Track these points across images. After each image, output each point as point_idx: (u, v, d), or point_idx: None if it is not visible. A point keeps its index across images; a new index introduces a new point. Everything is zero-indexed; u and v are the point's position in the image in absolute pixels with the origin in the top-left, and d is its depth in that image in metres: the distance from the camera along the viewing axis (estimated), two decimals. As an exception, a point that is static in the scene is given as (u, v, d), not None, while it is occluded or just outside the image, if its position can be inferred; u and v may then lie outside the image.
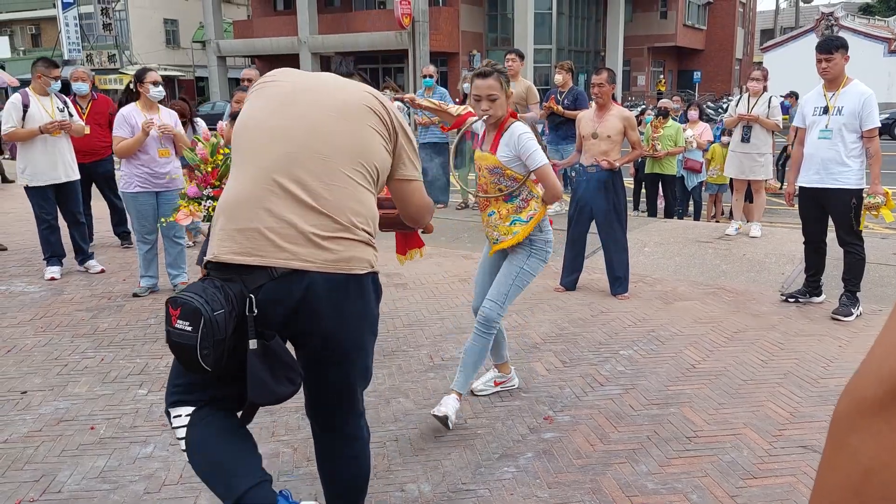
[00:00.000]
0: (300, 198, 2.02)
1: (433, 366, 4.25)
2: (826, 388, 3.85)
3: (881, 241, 6.77)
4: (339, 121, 2.12)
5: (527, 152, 3.38)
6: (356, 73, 2.49)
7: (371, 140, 2.15)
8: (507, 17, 34.54)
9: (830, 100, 4.99)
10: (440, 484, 2.98)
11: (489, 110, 3.40)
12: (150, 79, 5.45)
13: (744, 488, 2.92)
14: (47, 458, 3.19)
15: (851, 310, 4.98)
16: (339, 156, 2.09)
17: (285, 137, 2.09)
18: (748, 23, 48.95)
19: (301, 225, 2.00)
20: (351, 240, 2.07)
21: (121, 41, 39.80)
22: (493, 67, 3.39)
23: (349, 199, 2.08)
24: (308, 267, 2.00)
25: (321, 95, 2.17)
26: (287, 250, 1.99)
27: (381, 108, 2.20)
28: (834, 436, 0.77)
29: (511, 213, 3.49)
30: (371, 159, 2.15)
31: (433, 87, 8.90)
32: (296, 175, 2.04)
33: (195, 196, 4.83)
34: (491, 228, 3.57)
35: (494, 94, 3.37)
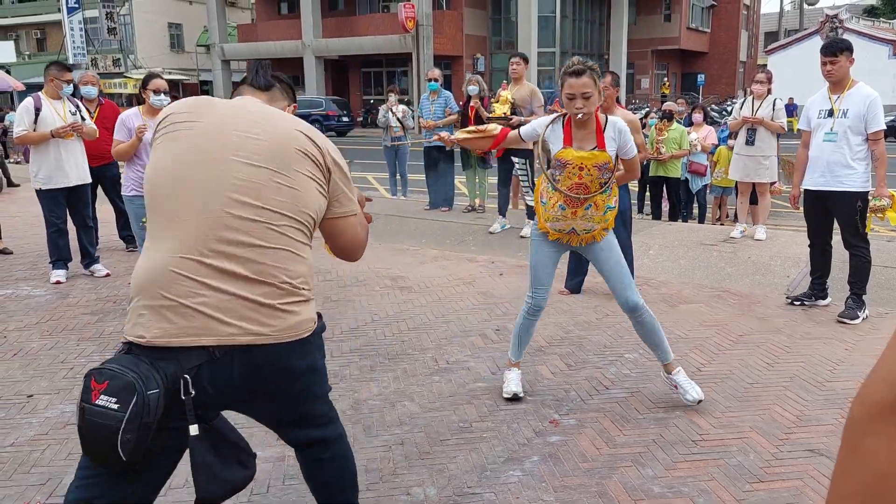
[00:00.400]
0: (232, 268, 1.81)
1: (438, 369, 4.25)
2: (833, 392, 3.83)
3: (887, 243, 6.75)
4: (268, 172, 1.88)
5: (628, 142, 3.47)
6: (278, 84, 2.21)
7: (305, 189, 1.92)
8: (511, 20, 34.55)
9: (835, 102, 4.98)
10: (446, 487, 2.98)
11: (583, 108, 3.36)
12: (152, 86, 5.44)
13: (750, 492, 2.91)
14: (53, 462, 3.20)
15: (857, 313, 4.96)
16: (271, 213, 1.86)
17: (207, 197, 1.83)
18: (752, 25, 48.89)
19: (239, 297, 1.81)
20: (295, 303, 1.89)
21: (125, 45, 39.96)
22: (586, 65, 3.35)
23: (287, 260, 1.89)
24: (252, 341, 1.82)
25: (245, 141, 1.89)
26: (229, 325, 1.79)
27: (313, 146, 1.96)
28: (847, 440, 0.77)
29: (605, 202, 3.54)
30: (306, 210, 1.93)
31: (438, 90, 8.91)
32: (225, 241, 1.81)
33: None
34: (585, 220, 3.54)
35: (588, 92, 3.33)
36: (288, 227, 1.89)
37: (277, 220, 1.87)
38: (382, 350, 4.56)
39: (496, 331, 4.88)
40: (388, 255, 7.16)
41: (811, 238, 5.34)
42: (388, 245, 7.64)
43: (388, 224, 8.55)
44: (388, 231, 8.27)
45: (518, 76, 7.74)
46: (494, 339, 4.72)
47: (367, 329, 4.96)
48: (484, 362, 4.33)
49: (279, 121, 1.98)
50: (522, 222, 7.74)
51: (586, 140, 3.48)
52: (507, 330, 4.89)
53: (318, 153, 1.96)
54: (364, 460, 3.19)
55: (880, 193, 4.98)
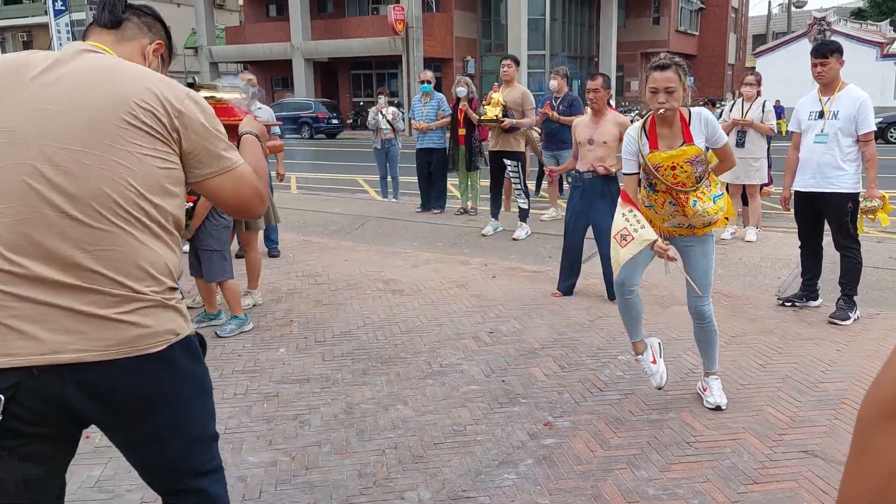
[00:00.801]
0: (53, 276, 1.51)
1: (432, 372, 4.23)
2: (825, 393, 3.84)
3: (877, 244, 6.78)
4: (89, 155, 1.53)
5: (716, 131, 3.43)
6: (132, 17, 1.85)
7: (140, 168, 1.58)
8: (501, 22, 34.59)
9: (826, 104, 5.00)
10: (440, 491, 2.96)
11: (665, 103, 3.32)
12: None
13: (745, 493, 2.91)
14: (43, 468, 3.16)
15: (849, 314, 4.98)
16: (97, 209, 1.54)
17: (12, 193, 1.51)
18: (740, 28, 49.16)
19: (63, 307, 1.52)
20: (136, 310, 1.57)
21: (113, 48, 39.67)
22: (672, 60, 3.32)
23: (125, 261, 1.57)
24: (81, 358, 1.52)
25: (56, 118, 1.54)
26: (48, 342, 1.50)
27: (151, 105, 1.60)
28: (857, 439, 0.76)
29: (709, 191, 3.47)
30: (147, 193, 1.60)
31: (430, 92, 8.89)
32: (42, 244, 1.51)
33: None
34: (699, 217, 3.45)
35: (672, 87, 3.30)
36: (124, 219, 1.56)
37: (109, 216, 1.55)
38: (375, 354, 4.53)
39: (489, 333, 4.87)
40: (379, 257, 7.13)
41: (802, 239, 5.36)
42: (379, 248, 7.61)
43: (379, 226, 8.52)
44: (379, 233, 8.25)
45: (509, 78, 7.73)
46: (488, 342, 4.70)
47: (360, 332, 4.93)
48: (477, 365, 4.31)
49: (107, 85, 1.59)
50: (515, 225, 7.73)
51: (674, 138, 3.44)
52: (501, 332, 4.88)
53: (159, 111, 1.60)
54: (357, 465, 3.17)
55: (871, 195, 5.00)
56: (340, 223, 8.84)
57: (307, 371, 4.26)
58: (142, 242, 1.59)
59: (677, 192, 3.42)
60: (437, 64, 32.80)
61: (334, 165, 18.35)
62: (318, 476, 3.08)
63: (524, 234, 7.60)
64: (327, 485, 3.01)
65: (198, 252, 4.93)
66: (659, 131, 3.46)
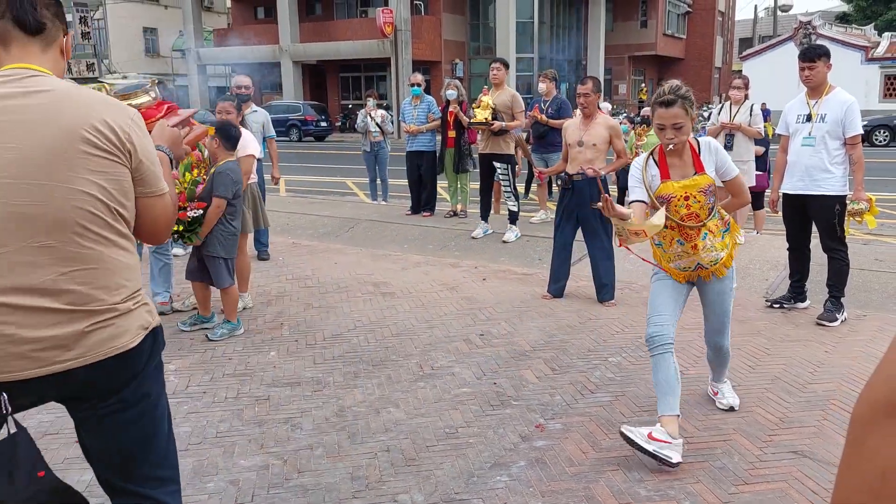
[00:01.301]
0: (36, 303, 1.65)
1: (423, 375, 4.23)
2: (814, 394, 3.87)
3: (863, 246, 6.84)
4: (56, 188, 1.64)
5: (725, 163, 3.33)
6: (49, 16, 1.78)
7: (101, 191, 1.70)
8: (489, 26, 34.66)
9: (813, 107, 5.04)
10: (433, 494, 2.96)
11: (674, 139, 3.21)
12: None
13: (736, 494, 2.92)
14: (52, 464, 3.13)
15: (836, 315, 5.02)
16: (67, 234, 1.66)
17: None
18: (727, 32, 49.49)
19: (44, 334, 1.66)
20: (115, 317, 1.75)
21: (99, 50, 39.49)
22: (677, 94, 3.17)
23: (100, 277, 1.72)
24: (68, 367, 1.69)
25: (22, 147, 1.63)
26: (39, 359, 1.66)
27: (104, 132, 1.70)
28: (852, 439, 0.78)
29: (719, 227, 3.36)
30: (111, 211, 1.73)
31: (421, 95, 8.90)
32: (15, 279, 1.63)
33: None
34: (708, 252, 3.33)
35: (680, 123, 3.18)
36: (94, 241, 1.71)
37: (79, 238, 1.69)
38: (366, 356, 4.53)
39: (480, 336, 4.87)
40: (369, 260, 7.13)
41: (790, 241, 5.40)
42: (369, 251, 7.61)
43: (369, 229, 8.52)
44: (369, 236, 8.24)
45: (499, 81, 7.75)
46: (479, 345, 4.71)
47: (350, 336, 4.93)
48: (469, 368, 4.32)
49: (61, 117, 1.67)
50: (504, 227, 7.74)
51: (686, 167, 3.32)
52: (492, 335, 4.88)
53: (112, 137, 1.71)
54: (350, 468, 3.17)
55: (858, 197, 5.05)
56: (330, 226, 8.83)
57: (298, 374, 4.25)
58: (112, 257, 1.75)
59: (687, 229, 3.30)
60: (426, 67, 32.79)
61: (323, 168, 18.32)
62: (311, 479, 3.08)
63: (514, 237, 7.62)
64: (320, 488, 3.01)
65: (203, 258, 4.89)
66: (669, 161, 3.34)
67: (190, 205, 4.62)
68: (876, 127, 23.30)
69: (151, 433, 1.91)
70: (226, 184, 4.74)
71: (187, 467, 3.17)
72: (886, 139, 23.28)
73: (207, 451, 3.33)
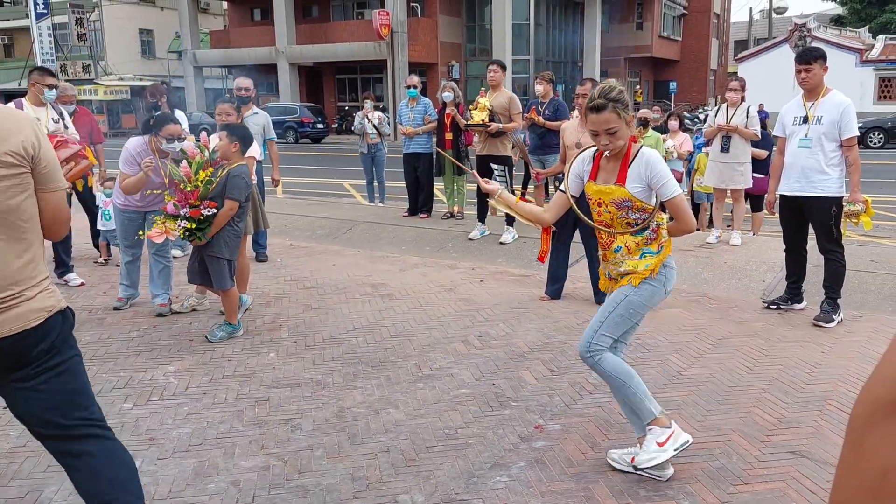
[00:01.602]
0: None
1: (422, 376, 4.24)
2: (811, 394, 3.89)
3: (858, 248, 6.87)
4: None
5: (660, 181, 3.00)
6: None
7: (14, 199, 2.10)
8: (486, 27, 34.72)
9: (810, 109, 5.07)
10: (433, 494, 2.97)
11: (609, 145, 3.03)
12: (165, 132, 5.06)
13: (734, 494, 2.94)
14: (33, 474, 3.14)
15: (833, 316, 5.04)
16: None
17: None
18: (722, 34, 49.64)
19: None
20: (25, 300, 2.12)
21: (95, 51, 39.45)
22: (608, 98, 2.97)
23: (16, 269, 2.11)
24: None
25: None
26: None
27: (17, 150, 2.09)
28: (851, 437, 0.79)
29: (641, 246, 3.09)
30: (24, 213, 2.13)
31: (417, 97, 8.91)
32: None
33: (171, 213, 4.72)
34: (615, 265, 3.15)
35: (613, 128, 2.98)
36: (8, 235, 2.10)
37: None
38: (365, 358, 4.54)
39: (478, 337, 4.88)
40: (367, 262, 7.14)
41: (786, 243, 5.43)
42: (366, 252, 7.62)
43: (367, 231, 8.53)
44: (366, 238, 8.25)
45: (496, 83, 7.77)
46: (477, 346, 4.72)
47: (349, 337, 4.94)
48: (467, 369, 4.33)
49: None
50: (502, 229, 7.76)
51: (611, 174, 3.12)
52: (490, 336, 4.90)
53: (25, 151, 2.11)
54: (350, 469, 3.18)
55: (854, 199, 5.08)
56: (327, 227, 8.84)
57: (298, 375, 4.26)
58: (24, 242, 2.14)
59: (602, 233, 3.19)
60: (422, 69, 32.85)
61: (320, 170, 18.32)
62: (311, 480, 3.09)
63: (511, 238, 7.63)
64: (320, 489, 3.02)
65: (203, 260, 4.89)
66: (601, 163, 3.19)
67: (203, 203, 4.64)
68: (870, 129, 23.39)
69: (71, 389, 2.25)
70: (240, 187, 4.75)
71: (188, 468, 3.18)
72: (881, 141, 23.38)
73: (208, 452, 3.33)
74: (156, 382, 4.17)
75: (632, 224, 3.08)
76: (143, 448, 3.37)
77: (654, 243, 3.11)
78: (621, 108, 2.98)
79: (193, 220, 4.62)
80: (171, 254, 5.70)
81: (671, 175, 3.05)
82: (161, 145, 5.10)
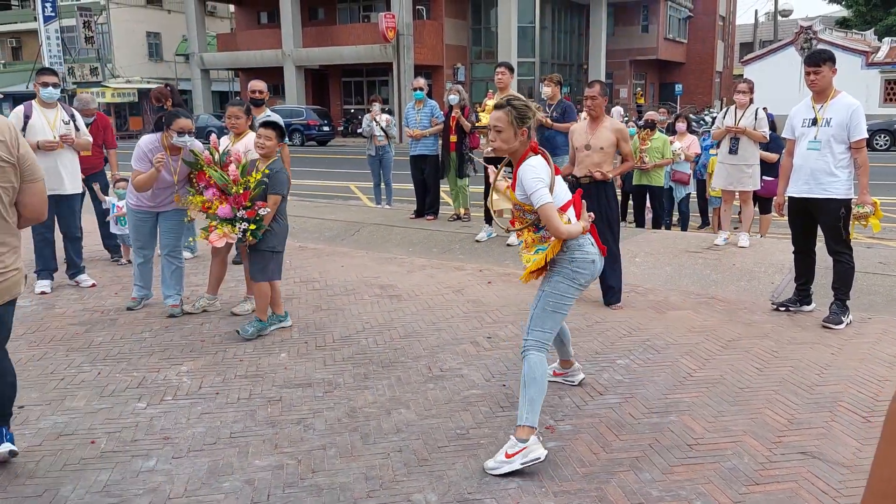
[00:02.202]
0: None
1: (432, 377, 4.26)
2: (821, 395, 3.90)
3: (866, 249, 6.87)
4: None
5: (529, 191, 3.26)
6: None
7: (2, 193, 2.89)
8: (491, 30, 34.76)
9: (819, 111, 5.08)
10: (446, 494, 2.99)
11: (493, 141, 3.36)
12: (175, 126, 5.13)
13: (747, 494, 2.95)
14: (49, 473, 3.17)
15: (842, 318, 5.05)
16: None
17: None
18: (728, 36, 49.57)
19: None
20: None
21: (103, 54, 39.62)
22: (509, 102, 3.32)
23: None
24: None
25: None
26: None
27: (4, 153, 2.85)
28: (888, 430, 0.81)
29: (536, 243, 3.43)
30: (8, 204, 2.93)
31: (423, 99, 8.94)
32: None
33: (226, 217, 4.79)
34: (522, 256, 3.52)
35: (500, 126, 3.30)
36: None
37: None
38: (375, 358, 4.56)
39: (488, 338, 4.90)
40: (375, 264, 7.16)
41: (795, 245, 5.43)
42: (375, 254, 7.65)
43: (374, 233, 8.55)
44: (374, 240, 8.28)
45: (504, 85, 7.79)
46: (487, 347, 4.74)
47: (359, 337, 4.96)
48: (477, 370, 4.35)
49: None
50: (509, 230, 7.77)
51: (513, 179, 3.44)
52: (499, 337, 4.92)
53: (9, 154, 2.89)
54: (363, 468, 3.20)
55: (863, 201, 5.08)
56: (336, 229, 8.87)
57: (309, 375, 4.28)
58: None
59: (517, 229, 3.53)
60: (428, 71, 32.89)
61: (326, 172, 18.36)
62: (325, 479, 3.11)
63: (486, 237, 7.67)
64: (335, 487, 3.04)
65: (251, 254, 5.01)
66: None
67: (256, 203, 4.79)
68: (876, 131, 23.35)
69: None
70: (282, 181, 4.95)
71: (203, 467, 3.21)
72: (887, 143, 23.33)
73: (222, 451, 3.36)
74: (169, 382, 4.20)
75: (530, 224, 3.41)
76: (157, 447, 3.39)
77: (545, 241, 3.41)
78: (514, 115, 3.28)
79: (251, 220, 4.77)
80: (183, 255, 5.74)
81: (538, 185, 3.24)
82: (172, 139, 5.16)
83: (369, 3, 36.20)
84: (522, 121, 3.30)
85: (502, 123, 3.30)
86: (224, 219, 4.78)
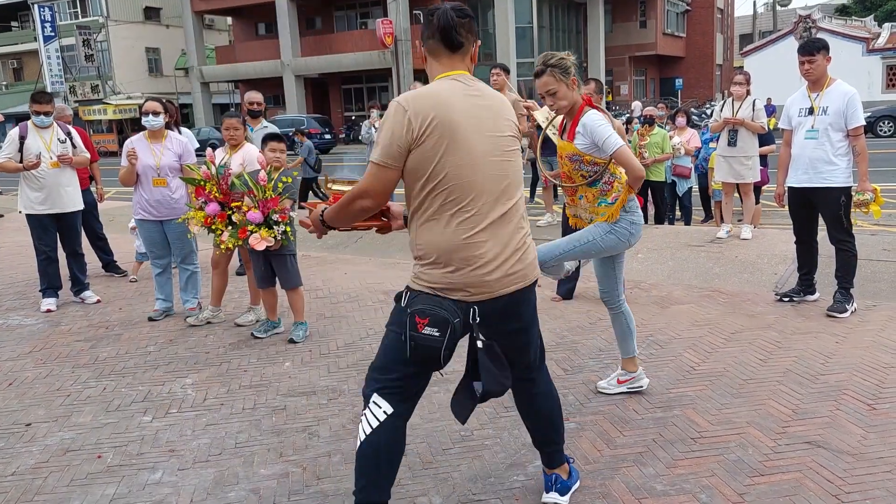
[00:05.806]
0: None
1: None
2: (826, 385, 3.89)
3: (870, 237, 6.85)
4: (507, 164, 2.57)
5: (600, 138, 3.36)
6: None
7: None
8: (489, 32, 34.79)
9: (815, 100, 5.07)
10: (451, 496, 3.00)
11: (553, 105, 3.47)
12: (144, 108, 5.58)
13: (752, 486, 2.95)
14: (56, 489, 3.19)
15: (846, 306, 5.03)
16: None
17: None
18: (727, 28, 49.51)
19: None
20: None
21: (103, 72, 39.88)
22: (546, 64, 3.41)
23: None
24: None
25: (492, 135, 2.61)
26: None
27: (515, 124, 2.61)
28: None
29: (597, 197, 3.56)
30: None
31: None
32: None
33: (258, 221, 4.86)
34: (582, 210, 3.67)
35: (552, 89, 3.39)
36: None
37: None
38: (379, 363, 4.56)
39: (491, 339, 4.90)
40: (378, 269, 7.18)
41: (797, 235, 5.42)
42: (378, 260, 7.66)
43: (377, 239, 8.56)
44: (376, 246, 8.29)
45: (499, 87, 7.81)
46: (490, 348, 4.73)
47: (363, 344, 4.97)
48: (481, 371, 4.34)
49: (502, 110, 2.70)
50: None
51: (566, 131, 3.60)
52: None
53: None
54: (368, 473, 3.20)
55: (863, 188, 5.07)
56: (338, 237, 8.88)
57: (313, 383, 4.30)
58: None
59: (561, 184, 3.75)
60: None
61: (329, 180, 18.37)
62: (331, 485, 3.12)
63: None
64: (340, 494, 3.05)
65: (270, 263, 5.12)
66: (564, 122, 3.65)
67: (286, 207, 4.95)
68: (880, 118, 23.25)
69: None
70: (295, 186, 5.15)
71: (208, 478, 3.22)
72: (891, 130, 23.23)
73: (227, 461, 3.37)
74: (174, 395, 4.22)
75: (586, 176, 3.52)
76: (163, 460, 3.41)
77: (609, 195, 3.53)
78: (559, 73, 3.38)
79: (285, 223, 4.90)
80: (197, 260, 5.83)
81: (610, 131, 3.35)
82: (144, 121, 5.56)
83: (366, 10, 36.32)
84: (566, 72, 3.40)
85: (553, 84, 3.39)
86: (258, 224, 4.86)
